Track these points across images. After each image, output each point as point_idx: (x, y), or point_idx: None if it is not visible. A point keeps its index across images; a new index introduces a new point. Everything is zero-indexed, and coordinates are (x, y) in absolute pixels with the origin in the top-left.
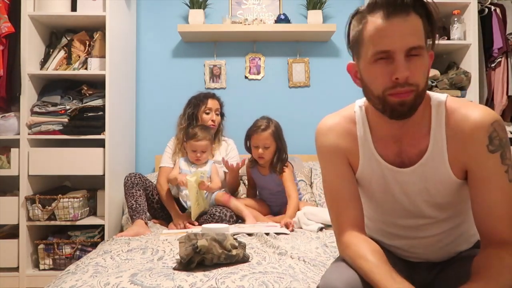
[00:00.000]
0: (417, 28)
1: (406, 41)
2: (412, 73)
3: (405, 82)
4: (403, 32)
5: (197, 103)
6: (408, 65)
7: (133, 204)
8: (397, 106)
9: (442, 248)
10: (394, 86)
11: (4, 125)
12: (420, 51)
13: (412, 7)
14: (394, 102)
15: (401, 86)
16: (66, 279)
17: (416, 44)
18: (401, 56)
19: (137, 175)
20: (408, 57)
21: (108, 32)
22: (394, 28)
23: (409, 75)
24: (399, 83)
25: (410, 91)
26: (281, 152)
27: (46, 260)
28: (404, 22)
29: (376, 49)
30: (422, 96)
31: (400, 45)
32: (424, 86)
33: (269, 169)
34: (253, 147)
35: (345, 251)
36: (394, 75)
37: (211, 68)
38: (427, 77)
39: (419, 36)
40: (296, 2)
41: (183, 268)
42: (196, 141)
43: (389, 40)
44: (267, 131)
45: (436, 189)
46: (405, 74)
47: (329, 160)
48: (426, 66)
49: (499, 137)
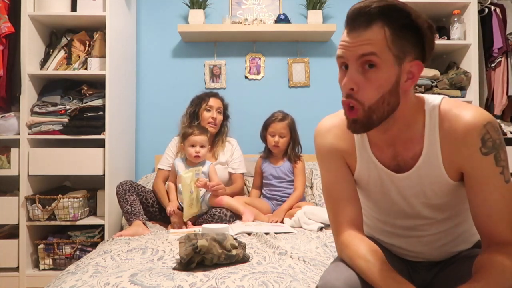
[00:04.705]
0: (375, 38)
1: (357, 49)
2: (359, 87)
3: (350, 94)
4: (357, 42)
5: (199, 101)
6: (361, 76)
7: (128, 208)
8: (351, 122)
9: (441, 247)
10: (346, 96)
11: (4, 125)
12: (375, 60)
13: (375, 20)
14: (348, 118)
15: (348, 97)
16: (66, 279)
17: (368, 50)
18: (352, 65)
19: (128, 182)
20: (364, 69)
21: (108, 32)
22: (350, 40)
23: (356, 89)
24: (348, 93)
25: (356, 107)
26: (295, 143)
27: (46, 260)
28: (360, 35)
29: (337, 53)
30: (379, 111)
31: (350, 53)
32: (376, 102)
33: (282, 158)
34: (269, 136)
35: (344, 251)
36: (341, 84)
37: (211, 68)
38: (384, 92)
39: (375, 46)
40: (296, 2)
41: (183, 268)
42: (194, 136)
43: (345, 48)
44: (284, 121)
45: (433, 192)
46: (348, 85)
47: (327, 161)
48: (384, 81)
49: (492, 139)
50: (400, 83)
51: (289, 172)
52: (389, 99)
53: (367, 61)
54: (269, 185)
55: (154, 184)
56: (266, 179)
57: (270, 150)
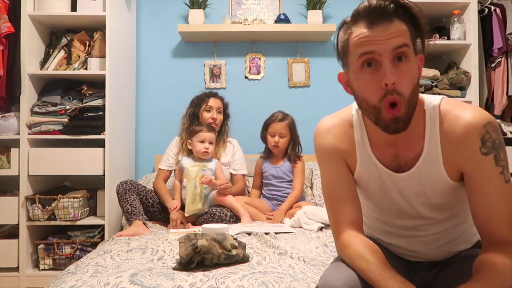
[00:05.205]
0: (402, 30)
1: (391, 42)
2: (399, 80)
3: (393, 89)
4: (387, 35)
5: (199, 102)
6: (395, 70)
7: (128, 208)
8: (391, 122)
9: (441, 247)
10: (385, 94)
11: (4, 125)
12: (407, 51)
13: (394, 14)
14: (388, 118)
15: (391, 94)
16: (66, 279)
17: (402, 42)
18: (387, 59)
19: (128, 181)
20: (395, 62)
21: (108, 32)
22: (377, 34)
23: (396, 82)
24: (388, 90)
25: (399, 102)
26: (295, 143)
27: (46, 260)
28: (387, 28)
29: (360, 51)
30: (414, 106)
31: (385, 47)
32: (411, 95)
33: (282, 158)
34: (269, 136)
35: (344, 251)
36: (383, 81)
37: (211, 68)
38: (415, 84)
39: (405, 37)
40: (296, 2)
41: (183, 268)
42: (204, 132)
43: (373, 43)
44: (284, 121)
45: (433, 192)
46: (392, 79)
47: (327, 161)
48: (414, 72)
49: (492, 139)
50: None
51: (289, 172)
52: (417, 92)
53: (400, 53)
54: (269, 185)
55: (154, 183)
56: (266, 179)
57: (270, 150)
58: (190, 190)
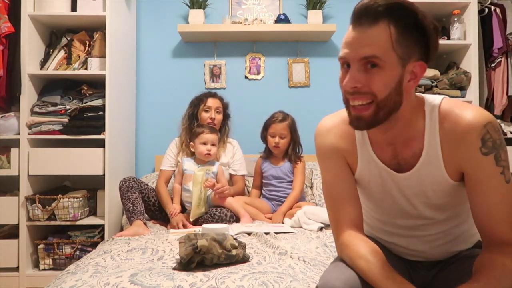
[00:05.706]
0: (378, 39)
1: (359, 51)
2: (367, 81)
3: (354, 91)
4: (360, 43)
5: (197, 102)
6: (364, 75)
7: (130, 206)
8: (354, 120)
9: (441, 246)
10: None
11: (4, 125)
12: (378, 62)
13: (382, 16)
14: (352, 115)
15: (350, 94)
16: (66, 279)
17: (370, 53)
18: (354, 65)
19: (131, 178)
20: (366, 68)
21: (108, 32)
22: (353, 37)
23: (363, 85)
24: (350, 92)
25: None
26: (295, 144)
27: (46, 260)
28: (364, 32)
29: (339, 55)
30: (387, 109)
31: (353, 54)
32: (386, 98)
33: (283, 159)
34: (270, 137)
35: (344, 251)
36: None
37: (211, 68)
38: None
39: (378, 47)
40: (296, 2)
41: (183, 268)
42: (206, 134)
43: (347, 48)
44: (285, 122)
45: (433, 192)
46: (348, 84)
47: (327, 161)
48: (389, 79)
49: (492, 139)
50: (403, 83)
51: (290, 173)
52: (395, 97)
53: (369, 62)
54: (269, 185)
55: (157, 185)
56: (266, 179)
57: (270, 150)
58: (196, 194)
